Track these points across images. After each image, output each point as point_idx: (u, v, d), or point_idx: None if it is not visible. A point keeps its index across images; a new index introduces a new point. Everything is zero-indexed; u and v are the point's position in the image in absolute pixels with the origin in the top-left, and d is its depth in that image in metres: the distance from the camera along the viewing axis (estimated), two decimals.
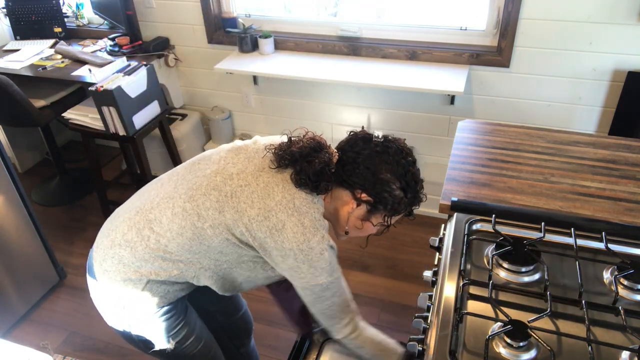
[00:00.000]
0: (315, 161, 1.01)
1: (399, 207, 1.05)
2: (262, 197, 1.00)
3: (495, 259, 1.11)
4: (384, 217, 1.07)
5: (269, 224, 0.99)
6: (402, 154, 1.06)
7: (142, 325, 1.18)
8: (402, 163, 1.04)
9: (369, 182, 1.02)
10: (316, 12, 2.66)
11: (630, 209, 1.24)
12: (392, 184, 1.02)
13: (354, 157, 1.04)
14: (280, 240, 0.99)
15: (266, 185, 1.01)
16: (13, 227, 2.09)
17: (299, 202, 1.00)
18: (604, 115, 2.25)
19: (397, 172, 1.03)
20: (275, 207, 0.99)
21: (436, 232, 1.32)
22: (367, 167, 1.02)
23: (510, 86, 2.31)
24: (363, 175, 1.03)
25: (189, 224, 1.03)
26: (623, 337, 0.94)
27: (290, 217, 0.98)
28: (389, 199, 1.03)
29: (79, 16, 3.02)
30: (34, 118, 2.48)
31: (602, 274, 1.09)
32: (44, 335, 2.15)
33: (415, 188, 1.06)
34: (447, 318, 0.98)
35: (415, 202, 1.09)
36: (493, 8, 2.21)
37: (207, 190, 1.04)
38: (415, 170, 1.07)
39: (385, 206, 1.04)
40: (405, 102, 2.52)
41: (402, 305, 2.22)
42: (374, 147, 1.05)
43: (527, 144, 1.52)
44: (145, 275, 1.09)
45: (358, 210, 1.06)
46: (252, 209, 1.00)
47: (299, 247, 0.99)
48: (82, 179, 3.14)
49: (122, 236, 1.10)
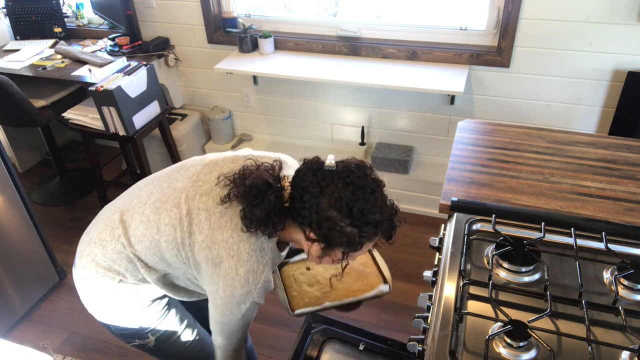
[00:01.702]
0: (259, 207, 0.96)
1: (357, 243, 0.96)
2: (213, 228, 1.02)
3: (495, 259, 1.11)
4: (344, 255, 1.00)
5: (210, 254, 1.02)
6: (350, 185, 0.93)
7: (129, 316, 1.20)
8: (349, 195, 0.92)
9: (315, 222, 0.95)
10: (316, 12, 2.66)
11: (630, 209, 1.24)
12: (340, 222, 0.93)
13: (301, 194, 0.96)
14: (212, 272, 1.03)
15: (221, 216, 1.02)
16: (13, 227, 2.09)
17: (243, 247, 1.00)
18: (604, 115, 2.25)
19: (342, 207, 0.92)
20: (220, 242, 1.01)
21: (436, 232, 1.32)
22: (312, 206, 0.94)
23: (510, 86, 2.31)
24: (309, 214, 0.95)
25: (149, 234, 1.07)
26: (623, 337, 0.94)
27: (229, 259, 1.00)
28: (342, 237, 0.94)
29: (79, 16, 3.02)
30: (34, 118, 2.48)
31: (602, 274, 1.09)
32: (44, 335, 2.15)
33: (376, 218, 0.95)
34: (447, 318, 0.98)
35: (379, 232, 0.98)
36: (493, 8, 2.21)
37: (170, 206, 1.06)
38: (368, 201, 0.94)
39: (340, 244, 0.96)
40: (405, 102, 2.52)
41: (402, 305, 2.22)
42: (320, 180, 0.94)
43: (527, 144, 1.52)
44: (116, 275, 1.13)
45: (314, 247, 0.99)
46: (200, 235, 1.02)
47: (224, 287, 1.02)
48: (82, 179, 3.14)
49: (98, 234, 1.14)
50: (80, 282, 1.20)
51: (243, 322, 1.09)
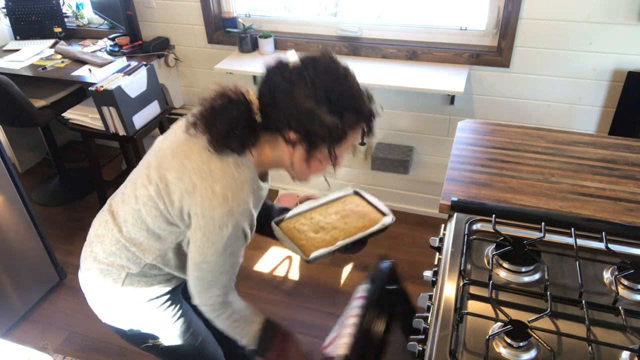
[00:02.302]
0: (221, 122, 0.94)
1: (341, 133, 0.92)
2: (181, 159, 0.98)
3: (496, 259, 1.11)
4: (330, 150, 0.94)
5: (182, 185, 0.96)
6: (321, 71, 0.90)
7: (135, 319, 1.19)
8: (323, 81, 0.89)
9: (293, 119, 0.90)
10: (316, 12, 2.66)
11: (630, 209, 1.24)
12: (319, 111, 0.89)
13: (272, 96, 0.92)
14: (190, 204, 0.96)
15: (189, 150, 0.99)
16: (13, 227, 2.09)
17: (215, 166, 0.95)
18: (604, 115, 2.25)
19: (319, 94, 0.88)
20: (190, 169, 0.96)
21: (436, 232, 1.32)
22: (286, 103, 0.90)
23: (510, 86, 2.31)
24: (283, 112, 0.90)
25: (130, 208, 1.05)
26: (623, 337, 0.94)
27: (202, 182, 0.94)
28: (323, 129, 0.90)
29: (79, 16, 3.02)
30: (34, 118, 2.48)
31: (602, 274, 1.09)
32: (44, 335, 2.15)
33: (355, 103, 0.92)
34: (447, 318, 0.98)
35: (361, 118, 0.94)
36: (493, 8, 2.21)
37: (141, 172, 1.04)
38: (343, 85, 0.91)
39: (322, 139, 0.92)
40: (405, 102, 2.52)
41: None
42: (289, 77, 0.90)
43: (527, 144, 1.52)
44: (120, 269, 1.11)
45: (297, 153, 0.95)
46: (170, 173, 0.98)
47: (202, 213, 0.94)
48: (82, 179, 3.14)
49: (94, 232, 1.15)
50: (87, 286, 1.19)
51: (227, 260, 0.99)
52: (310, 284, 2.36)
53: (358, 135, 0.98)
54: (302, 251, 1.21)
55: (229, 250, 0.98)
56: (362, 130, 0.98)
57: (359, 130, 0.97)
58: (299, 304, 2.26)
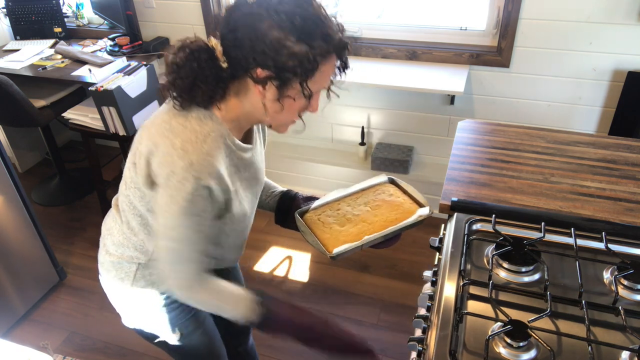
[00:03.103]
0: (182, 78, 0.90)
1: (311, 63, 0.85)
2: (148, 128, 0.96)
3: (495, 259, 1.11)
4: (302, 85, 0.88)
5: (147, 150, 0.93)
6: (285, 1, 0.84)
7: (150, 316, 1.19)
8: (286, 9, 0.82)
9: (259, 52, 0.84)
10: None
11: (630, 209, 1.24)
12: (286, 41, 0.83)
13: (234, 35, 0.86)
14: (154, 166, 0.92)
15: (155, 116, 0.98)
16: (13, 227, 2.09)
17: (176, 122, 0.92)
18: (604, 115, 2.25)
19: (283, 22, 0.82)
20: (154, 133, 0.93)
21: (436, 232, 1.32)
22: (250, 37, 0.83)
23: (510, 86, 2.31)
24: (248, 49, 0.84)
25: (123, 193, 1.05)
26: (623, 337, 0.94)
27: (164, 139, 0.91)
28: (292, 60, 0.84)
29: (79, 16, 3.03)
30: (34, 118, 2.48)
31: (602, 274, 1.09)
32: (44, 335, 2.15)
33: (323, 29, 0.85)
34: (447, 318, 0.98)
35: (332, 47, 0.87)
36: (493, 8, 2.21)
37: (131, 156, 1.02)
38: (308, 11, 0.84)
39: (293, 72, 0.85)
40: (405, 102, 2.52)
41: (402, 305, 2.22)
42: (249, 10, 0.85)
43: (527, 144, 1.52)
44: (130, 261, 1.11)
45: (268, 93, 0.89)
46: (141, 145, 0.96)
47: (164, 171, 0.90)
48: (82, 179, 3.14)
49: (105, 226, 1.16)
50: (104, 284, 1.20)
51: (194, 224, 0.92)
52: (310, 284, 2.36)
53: (331, 69, 0.92)
54: (325, 246, 1.10)
55: (195, 211, 0.91)
56: (336, 64, 0.92)
57: (331, 62, 0.90)
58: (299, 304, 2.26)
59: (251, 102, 0.92)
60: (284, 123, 0.98)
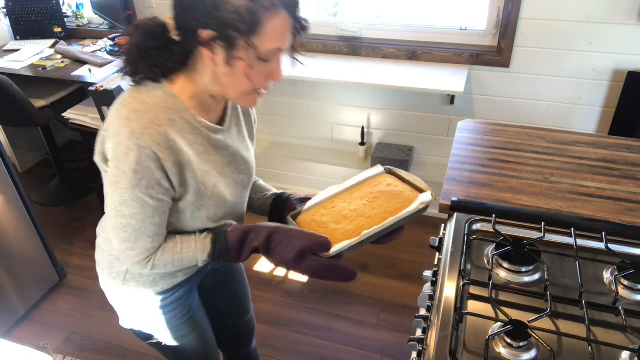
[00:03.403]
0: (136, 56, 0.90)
1: (253, 17, 0.81)
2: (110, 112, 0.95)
3: (496, 259, 1.11)
4: (248, 43, 0.83)
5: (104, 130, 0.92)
6: None
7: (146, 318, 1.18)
8: None
9: (200, 13, 0.82)
10: (316, 12, 2.66)
11: (630, 209, 1.24)
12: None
13: (179, 3, 0.86)
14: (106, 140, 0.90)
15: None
16: (13, 227, 2.09)
17: (127, 95, 0.91)
18: (604, 115, 2.25)
19: None
20: (110, 112, 0.92)
21: (436, 232, 1.32)
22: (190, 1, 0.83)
23: (510, 86, 2.31)
24: (190, 11, 0.83)
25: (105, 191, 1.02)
26: (623, 337, 0.94)
27: (114, 112, 0.90)
28: (233, 16, 0.80)
29: (79, 16, 3.02)
30: (34, 118, 2.48)
31: (602, 274, 1.09)
32: (44, 335, 2.15)
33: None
34: (447, 318, 0.98)
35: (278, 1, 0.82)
36: (493, 8, 2.21)
37: None
38: None
39: (235, 28, 0.81)
40: (405, 102, 2.52)
41: (402, 305, 2.22)
42: None
43: (527, 144, 1.52)
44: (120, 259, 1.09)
45: (218, 57, 0.85)
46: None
47: (112, 143, 0.88)
48: (82, 179, 3.14)
49: (100, 224, 1.16)
50: (102, 285, 1.19)
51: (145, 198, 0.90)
52: (310, 284, 2.37)
53: (283, 27, 0.85)
54: None
55: (144, 182, 0.88)
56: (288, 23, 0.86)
57: (280, 18, 0.84)
58: (299, 304, 2.27)
59: (207, 73, 0.90)
60: (241, 90, 0.91)
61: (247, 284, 1.51)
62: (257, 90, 0.94)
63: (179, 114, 0.92)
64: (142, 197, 0.90)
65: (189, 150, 0.93)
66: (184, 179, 0.94)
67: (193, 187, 0.96)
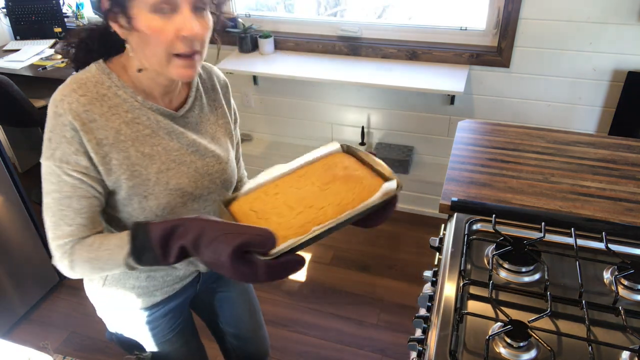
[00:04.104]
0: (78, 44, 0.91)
1: None
2: None
3: (496, 259, 1.11)
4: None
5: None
6: None
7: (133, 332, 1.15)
8: None
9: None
10: (316, 12, 2.66)
11: (630, 209, 1.24)
12: None
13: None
14: None
15: None
16: (13, 227, 2.09)
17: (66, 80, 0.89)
18: (604, 115, 2.25)
19: None
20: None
21: (436, 232, 1.32)
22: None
23: (510, 86, 2.31)
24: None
25: None
26: (623, 337, 0.94)
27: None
28: None
29: (79, 16, 3.02)
30: (34, 118, 2.48)
31: (602, 274, 1.09)
32: (44, 335, 2.15)
33: None
34: (447, 318, 0.98)
35: None
36: (493, 8, 2.21)
37: None
38: None
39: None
40: (405, 102, 2.52)
41: (402, 305, 2.22)
42: None
43: (527, 144, 1.52)
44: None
45: (122, 22, 0.82)
46: None
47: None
48: None
49: None
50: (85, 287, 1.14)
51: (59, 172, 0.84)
52: (310, 283, 2.37)
53: None
54: None
55: (58, 154, 0.84)
56: None
57: None
58: (299, 304, 2.27)
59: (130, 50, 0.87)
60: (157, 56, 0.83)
61: (255, 302, 1.38)
62: (177, 55, 0.83)
63: (114, 91, 0.88)
64: (56, 171, 0.84)
65: (125, 129, 0.88)
66: (108, 158, 0.87)
67: (125, 170, 0.89)
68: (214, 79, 1.08)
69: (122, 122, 0.89)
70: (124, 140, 0.89)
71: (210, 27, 0.86)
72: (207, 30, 0.85)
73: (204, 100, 1.04)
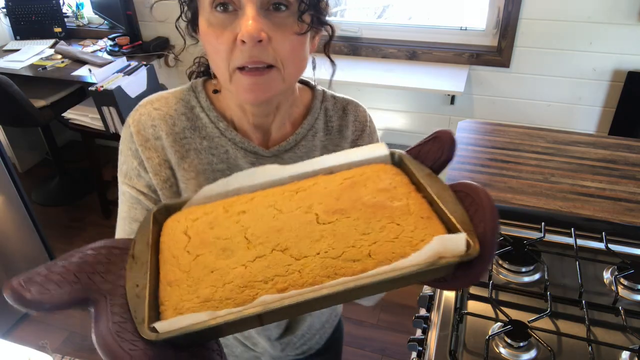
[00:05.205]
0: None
1: None
2: None
3: (495, 259, 1.11)
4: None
5: None
6: None
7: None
8: None
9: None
10: None
11: (630, 209, 1.24)
12: None
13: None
14: None
15: None
16: (13, 227, 2.09)
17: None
18: (604, 115, 2.25)
19: None
20: None
21: None
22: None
23: (510, 86, 2.31)
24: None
25: None
26: (623, 337, 0.94)
27: None
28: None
29: (79, 16, 3.03)
30: (34, 118, 2.48)
31: (602, 274, 1.09)
32: (44, 335, 2.15)
33: None
34: (447, 318, 0.98)
35: None
36: (493, 8, 2.21)
37: None
38: None
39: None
40: (405, 102, 2.52)
41: (402, 305, 2.22)
42: None
43: (527, 144, 1.52)
44: None
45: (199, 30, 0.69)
46: None
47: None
48: (82, 179, 3.14)
49: None
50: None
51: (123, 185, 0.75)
52: None
53: None
54: (152, 310, 0.45)
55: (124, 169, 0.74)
56: None
57: None
58: None
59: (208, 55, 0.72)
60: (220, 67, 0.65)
61: None
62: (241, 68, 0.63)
63: (197, 112, 0.74)
64: (121, 187, 0.75)
65: (193, 157, 0.72)
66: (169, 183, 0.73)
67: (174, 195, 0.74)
68: (348, 120, 0.84)
69: (193, 149, 0.72)
70: (187, 169, 0.72)
71: (295, 32, 0.64)
72: (281, 35, 0.62)
73: (317, 141, 0.79)
